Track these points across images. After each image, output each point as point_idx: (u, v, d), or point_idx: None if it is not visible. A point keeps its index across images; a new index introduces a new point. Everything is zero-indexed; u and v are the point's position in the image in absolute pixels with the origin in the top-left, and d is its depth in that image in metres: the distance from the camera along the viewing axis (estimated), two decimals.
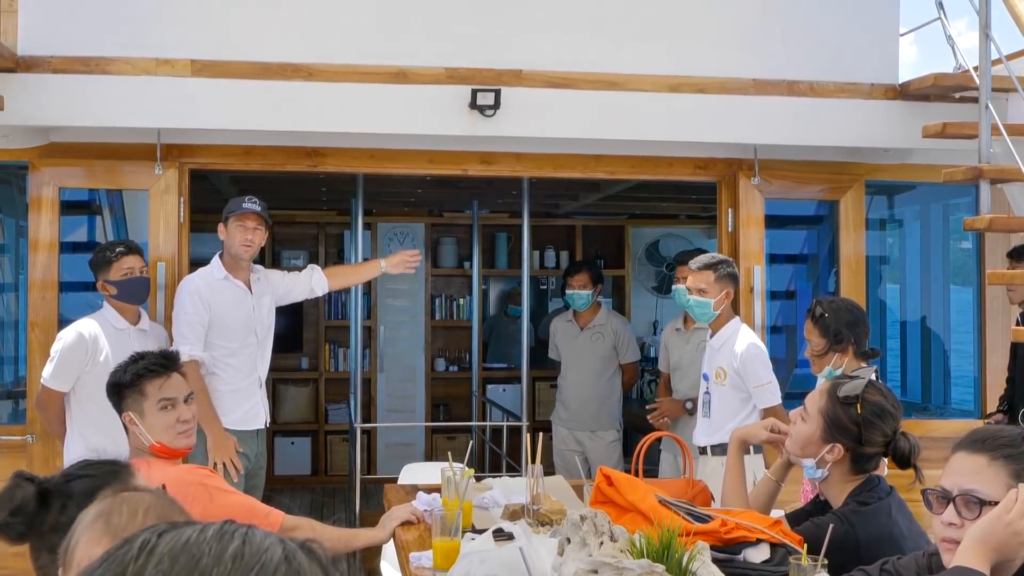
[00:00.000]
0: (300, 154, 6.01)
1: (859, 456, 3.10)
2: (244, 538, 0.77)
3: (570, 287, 7.19)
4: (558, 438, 7.29)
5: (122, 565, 0.74)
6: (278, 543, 0.78)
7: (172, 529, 0.78)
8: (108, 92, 5.40)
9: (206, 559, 0.74)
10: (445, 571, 2.98)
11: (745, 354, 5.17)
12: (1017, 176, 5.15)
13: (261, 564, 0.75)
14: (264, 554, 0.76)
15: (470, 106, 5.57)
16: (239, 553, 0.75)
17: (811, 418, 3.14)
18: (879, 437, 3.09)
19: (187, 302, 5.19)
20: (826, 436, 3.10)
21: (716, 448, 5.22)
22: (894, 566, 2.67)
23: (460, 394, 10.66)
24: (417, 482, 4.72)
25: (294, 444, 10.34)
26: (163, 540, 0.76)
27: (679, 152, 6.23)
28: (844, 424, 3.08)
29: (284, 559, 0.76)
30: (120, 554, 0.76)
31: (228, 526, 0.79)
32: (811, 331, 4.76)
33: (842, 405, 3.09)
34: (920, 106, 5.89)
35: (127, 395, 3.52)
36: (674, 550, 2.51)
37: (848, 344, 4.67)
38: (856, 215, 6.36)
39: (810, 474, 3.16)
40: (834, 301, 4.93)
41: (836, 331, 4.66)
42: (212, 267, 5.33)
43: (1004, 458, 2.31)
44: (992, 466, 2.31)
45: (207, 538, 0.77)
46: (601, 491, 3.28)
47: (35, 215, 5.69)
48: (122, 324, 5.15)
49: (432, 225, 10.76)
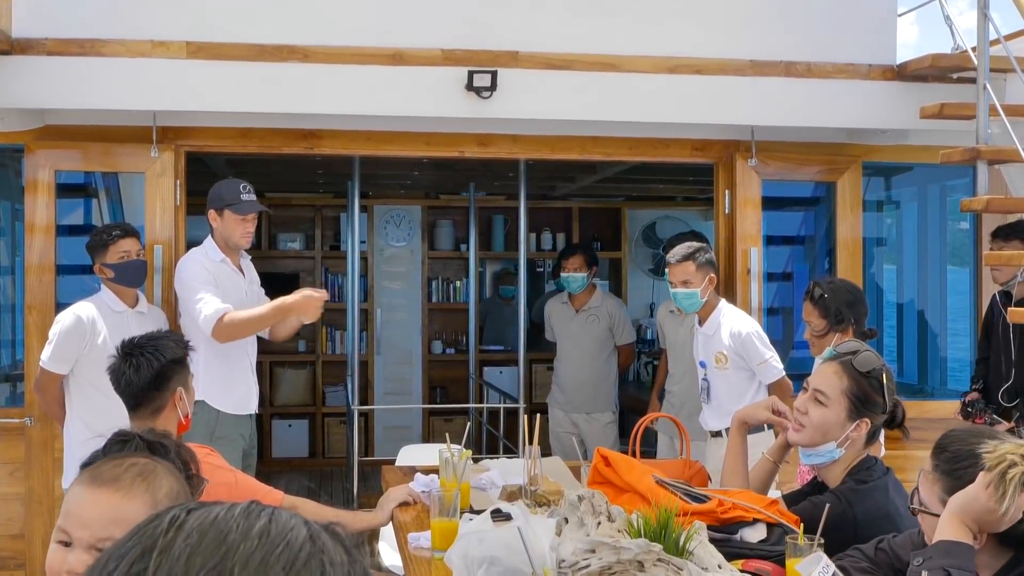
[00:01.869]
0: (296, 136, 5.99)
1: (875, 429, 3.13)
2: (271, 517, 0.79)
3: (564, 269, 7.19)
4: (554, 420, 7.30)
5: (152, 538, 0.76)
6: (303, 523, 0.80)
7: (201, 506, 0.80)
8: (103, 74, 5.38)
9: (234, 535, 0.76)
10: (443, 551, 2.99)
11: (741, 335, 5.19)
12: (1015, 157, 5.14)
13: (287, 542, 0.77)
14: (290, 533, 0.78)
15: (467, 88, 5.55)
16: (266, 531, 0.77)
17: (833, 402, 3.11)
18: (891, 401, 3.13)
19: (195, 270, 5.15)
20: (852, 415, 3.09)
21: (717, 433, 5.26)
22: (889, 544, 2.69)
23: (457, 376, 10.66)
24: (415, 464, 4.73)
25: (291, 427, 10.36)
26: (192, 516, 0.78)
27: (676, 134, 6.21)
28: (871, 397, 3.09)
29: (309, 538, 0.78)
30: (150, 528, 0.78)
31: (255, 506, 0.81)
32: (810, 312, 4.75)
33: (867, 379, 3.10)
34: (918, 87, 5.88)
35: (179, 372, 3.55)
36: (671, 530, 2.51)
37: (849, 324, 4.67)
38: (853, 196, 6.36)
39: (821, 459, 3.14)
40: (832, 281, 4.93)
41: (837, 311, 4.66)
42: (207, 248, 5.29)
43: (942, 473, 2.46)
44: (934, 474, 2.48)
45: (235, 515, 0.79)
46: (599, 472, 3.29)
47: (31, 198, 5.68)
48: (120, 307, 5.14)
49: (429, 208, 10.75)
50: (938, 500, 2.43)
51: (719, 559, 2.52)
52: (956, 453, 2.45)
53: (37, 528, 5.64)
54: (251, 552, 0.75)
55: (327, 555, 0.77)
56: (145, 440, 2.45)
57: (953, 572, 2.24)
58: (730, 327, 5.22)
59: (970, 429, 2.63)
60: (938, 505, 2.42)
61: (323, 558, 0.77)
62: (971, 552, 2.29)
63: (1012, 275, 5.39)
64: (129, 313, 5.15)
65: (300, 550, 0.76)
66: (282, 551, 0.76)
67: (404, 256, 10.68)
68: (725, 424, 5.20)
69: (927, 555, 2.31)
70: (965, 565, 2.26)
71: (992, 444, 2.34)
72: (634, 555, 2.42)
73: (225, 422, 5.16)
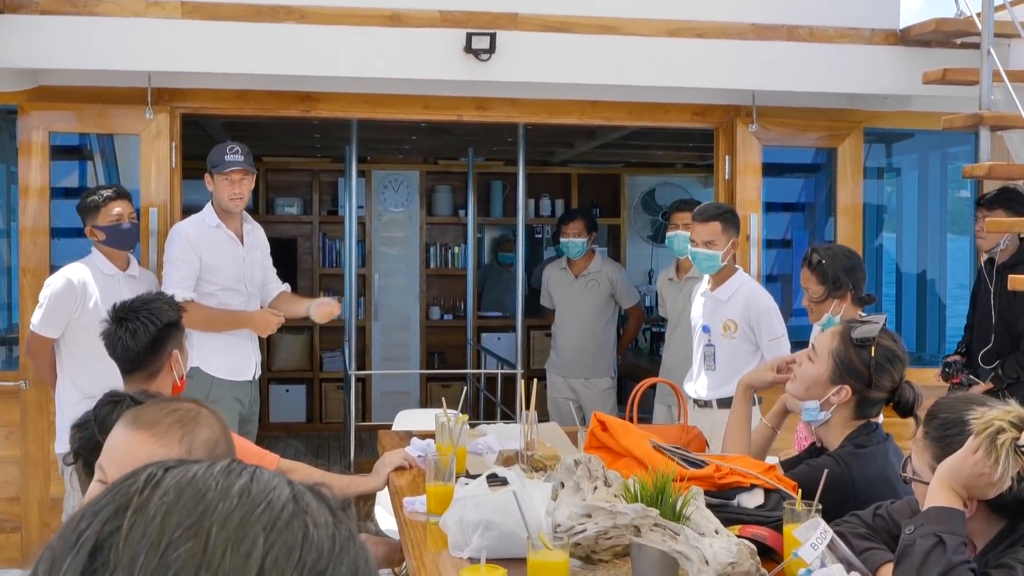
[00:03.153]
0: (293, 99, 5.94)
1: (864, 401, 3.10)
2: (252, 476, 0.76)
3: (564, 235, 7.15)
4: (552, 386, 7.28)
5: (127, 496, 0.73)
6: (286, 483, 0.77)
7: (179, 464, 0.77)
8: (97, 34, 5.33)
9: (212, 493, 0.73)
10: (438, 516, 2.98)
11: (761, 307, 5.08)
12: (1017, 123, 5.10)
13: (268, 502, 0.74)
14: (272, 492, 0.75)
15: (465, 50, 5.50)
16: (246, 490, 0.74)
17: (820, 359, 3.13)
18: (887, 382, 3.09)
19: (177, 248, 5.15)
20: (835, 377, 3.09)
21: (723, 401, 5.12)
22: (887, 510, 2.68)
23: (455, 342, 10.65)
24: (411, 429, 4.71)
25: (289, 392, 10.35)
26: (169, 474, 0.75)
27: (676, 98, 6.16)
28: (855, 366, 3.08)
29: (292, 498, 0.75)
30: (126, 486, 0.75)
31: (235, 464, 0.78)
32: (808, 279, 4.70)
33: (855, 347, 3.09)
34: (921, 52, 5.83)
35: (175, 334, 3.52)
36: (668, 495, 2.49)
37: (847, 290, 4.62)
38: (854, 163, 6.31)
39: (811, 416, 3.14)
40: (831, 247, 4.88)
41: (835, 277, 4.60)
42: (205, 214, 5.27)
43: (931, 440, 2.47)
44: (924, 441, 2.49)
45: (214, 473, 0.76)
46: (595, 436, 3.27)
47: (25, 160, 5.63)
48: (111, 270, 5.07)
49: (427, 173, 10.70)
50: (928, 467, 2.42)
51: (716, 524, 2.50)
52: (945, 420, 2.45)
53: (33, 491, 5.63)
54: (230, 511, 0.72)
55: (311, 516, 0.74)
56: (136, 401, 2.43)
57: (945, 537, 2.23)
58: (749, 296, 5.11)
59: (960, 397, 2.62)
60: (929, 473, 2.41)
61: (306, 519, 0.74)
62: (962, 517, 2.28)
63: (995, 242, 5.48)
64: (120, 276, 5.09)
65: (282, 510, 0.73)
66: (263, 511, 0.72)
67: (402, 221, 10.64)
68: (717, 394, 5.14)
69: (918, 523, 2.30)
70: (957, 530, 2.26)
71: (980, 410, 2.33)
72: (630, 520, 2.41)
73: (220, 387, 5.14)
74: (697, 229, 5.13)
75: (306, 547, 0.72)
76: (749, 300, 5.09)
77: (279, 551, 0.71)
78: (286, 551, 0.71)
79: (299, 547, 0.72)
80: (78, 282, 4.95)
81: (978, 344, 5.62)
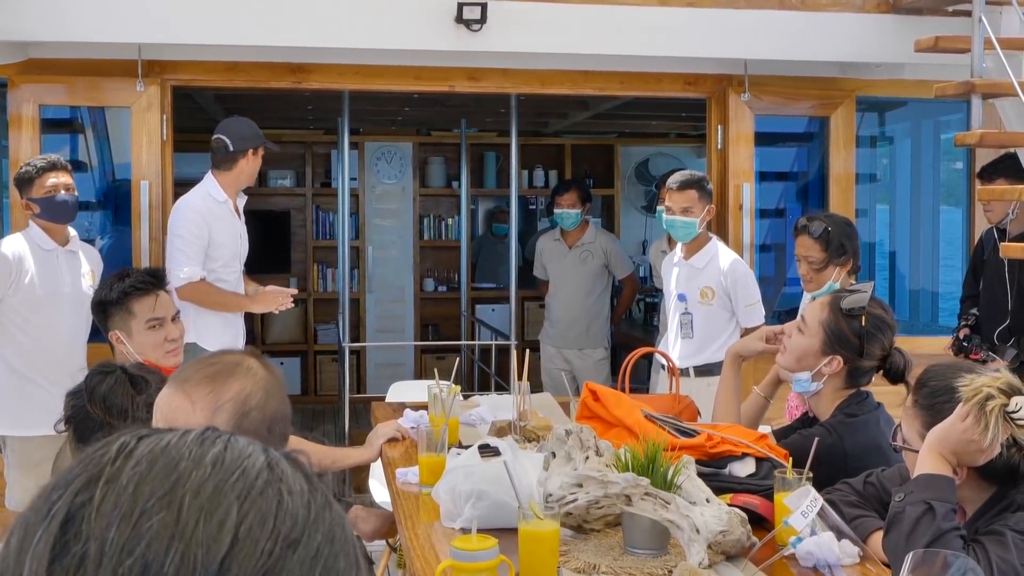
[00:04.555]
0: (284, 70, 5.92)
1: (855, 370, 3.11)
2: (226, 444, 0.75)
3: (559, 206, 7.15)
4: (546, 356, 7.30)
5: (99, 467, 0.73)
6: (261, 451, 0.76)
7: (153, 433, 0.76)
8: (87, 6, 5.29)
9: (185, 462, 0.72)
10: (431, 486, 2.99)
11: (736, 272, 5.13)
12: (1009, 91, 5.09)
13: (242, 469, 0.73)
14: (246, 460, 0.74)
15: (456, 20, 5.47)
16: (220, 458, 0.73)
17: (810, 330, 3.14)
18: (878, 351, 3.11)
19: (189, 223, 5.02)
20: (826, 348, 3.11)
21: (700, 369, 5.16)
22: (878, 478, 2.69)
23: (449, 314, 10.65)
24: (405, 400, 4.72)
25: (283, 364, 10.34)
26: (142, 443, 0.74)
27: (668, 68, 6.15)
28: (846, 336, 3.09)
29: (267, 466, 0.74)
30: (98, 455, 0.74)
31: (210, 432, 0.77)
32: (811, 246, 4.61)
33: (845, 317, 3.10)
34: (913, 20, 5.81)
35: (114, 313, 3.50)
36: (659, 464, 2.50)
37: (849, 257, 4.61)
38: (847, 132, 6.31)
39: (802, 387, 3.16)
40: (830, 215, 4.89)
41: (839, 244, 4.58)
42: (210, 188, 5.13)
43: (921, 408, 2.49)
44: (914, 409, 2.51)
45: (188, 442, 0.75)
46: (587, 406, 3.28)
47: (15, 133, 5.61)
48: (49, 245, 4.78)
49: (420, 144, 10.66)
50: (918, 435, 2.43)
51: (707, 493, 2.51)
52: (934, 388, 2.47)
53: None
54: (203, 480, 0.71)
55: (285, 483, 0.74)
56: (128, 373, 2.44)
57: (935, 504, 2.24)
58: (726, 263, 5.15)
59: (950, 363, 2.63)
60: (919, 440, 2.42)
61: (280, 487, 0.73)
62: (952, 484, 2.30)
63: (1004, 213, 5.25)
64: (59, 251, 4.81)
65: (256, 478, 0.73)
66: (237, 479, 0.72)
67: (395, 193, 10.62)
68: (694, 362, 5.17)
69: (908, 490, 2.32)
70: (946, 497, 2.27)
71: (968, 377, 2.34)
72: (621, 489, 2.42)
73: None
74: (674, 197, 5.16)
75: (280, 515, 0.72)
76: (727, 266, 5.13)
77: (253, 520, 0.70)
78: (260, 520, 0.71)
79: (273, 515, 0.71)
80: (13, 256, 4.69)
81: (989, 320, 5.34)
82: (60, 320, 4.77)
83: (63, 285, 4.78)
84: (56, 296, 4.76)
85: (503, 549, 2.29)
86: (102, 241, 6.36)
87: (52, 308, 4.75)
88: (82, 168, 6.39)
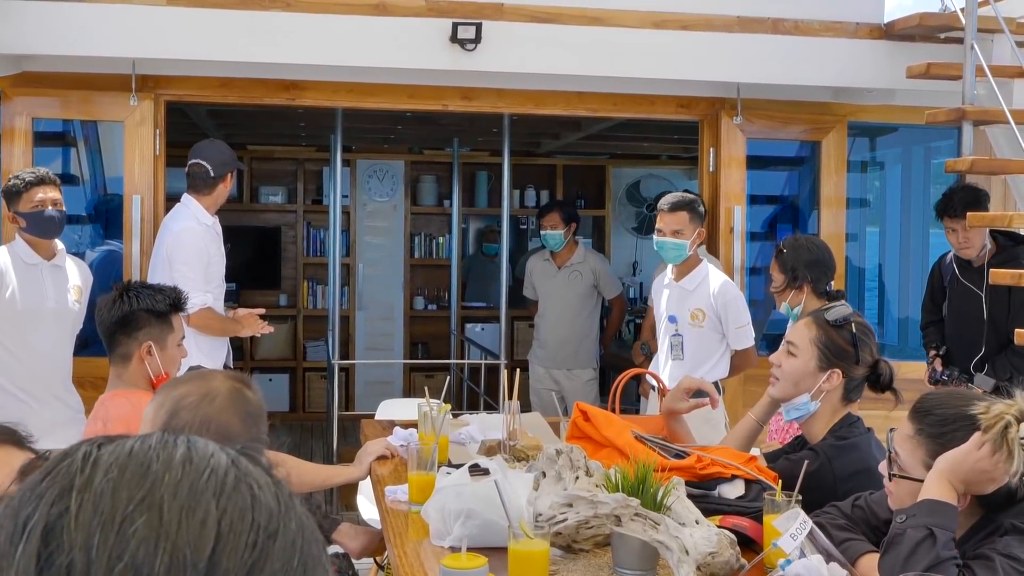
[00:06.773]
0: (278, 87, 5.93)
1: (850, 381, 3.13)
2: (188, 445, 0.76)
3: (543, 227, 7.17)
4: (535, 376, 7.29)
5: (68, 477, 0.72)
6: (219, 448, 0.77)
7: (111, 440, 0.77)
8: (81, 20, 5.30)
9: (156, 465, 0.73)
10: (420, 505, 2.98)
11: (727, 295, 5.13)
12: (1000, 118, 5.12)
13: (211, 468, 0.74)
14: (212, 459, 0.75)
15: (451, 40, 5.49)
16: (188, 458, 0.74)
17: (803, 351, 3.16)
18: (868, 356, 3.15)
19: (195, 249, 5.01)
20: (823, 363, 3.13)
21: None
22: (866, 501, 2.69)
23: (439, 333, 10.64)
24: (394, 418, 4.71)
25: (272, 381, 10.32)
26: (105, 450, 0.75)
27: (662, 90, 6.18)
28: (841, 347, 3.13)
29: (232, 463, 0.76)
30: (64, 466, 0.74)
31: (167, 435, 0.78)
32: (773, 267, 4.80)
33: (835, 329, 3.13)
34: (905, 46, 5.85)
35: (155, 324, 3.39)
36: (649, 485, 2.50)
37: (804, 283, 4.67)
38: (838, 157, 6.34)
39: (801, 411, 3.15)
40: (798, 239, 4.90)
41: (793, 269, 4.67)
42: (196, 212, 5.11)
43: (926, 437, 2.43)
44: (917, 438, 2.45)
45: (152, 446, 0.75)
46: (577, 426, 3.28)
47: (8, 146, 5.61)
48: (34, 259, 4.71)
49: (412, 163, 10.68)
50: (921, 464, 2.40)
51: (697, 514, 2.51)
52: (943, 416, 2.42)
53: None
54: (178, 481, 0.72)
55: (252, 478, 0.75)
56: None
57: (936, 531, 2.24)
58: (717, 285, 5.16)
59: (949, 392, 2.64)
60: (920, 469, 2.40)
61: (250, 481, 0.75)
62: (954, 512, 2.29)
63: (981, 247, 5.15)
64: (44, 266, 4.74)
65: (226, 475, 0.74)
66: (208, 477, 0.73)
67: (387, 211, 10.62)
68: None
69: (911, 513, 2.30)
70: (948, 525, 2.26)
71: (983, 404, 2.33)
72: (611, 509, 2.42)
73: None
74: (665, 219, 5.17)
75: (256, 508, 0.73)
76: (718, 288, 5.14)
77: (232, 515, 0.72)
78: (239, 514, 0.72)
79: (250, 509, 0.73)
80: None
81: (961, 351, 5.28)
82: (43, 335, 4.71)
83: (47, 300, 4.72)
84: (39, 311, 4.69)
85: (493, 568, 2.29)
86: (93, 255, 6.34)
87: (34, 323, 4.69)
88: (74, 182, 6.37)
